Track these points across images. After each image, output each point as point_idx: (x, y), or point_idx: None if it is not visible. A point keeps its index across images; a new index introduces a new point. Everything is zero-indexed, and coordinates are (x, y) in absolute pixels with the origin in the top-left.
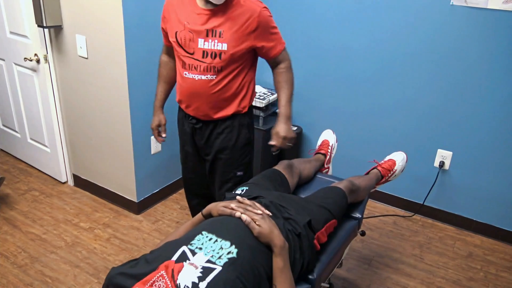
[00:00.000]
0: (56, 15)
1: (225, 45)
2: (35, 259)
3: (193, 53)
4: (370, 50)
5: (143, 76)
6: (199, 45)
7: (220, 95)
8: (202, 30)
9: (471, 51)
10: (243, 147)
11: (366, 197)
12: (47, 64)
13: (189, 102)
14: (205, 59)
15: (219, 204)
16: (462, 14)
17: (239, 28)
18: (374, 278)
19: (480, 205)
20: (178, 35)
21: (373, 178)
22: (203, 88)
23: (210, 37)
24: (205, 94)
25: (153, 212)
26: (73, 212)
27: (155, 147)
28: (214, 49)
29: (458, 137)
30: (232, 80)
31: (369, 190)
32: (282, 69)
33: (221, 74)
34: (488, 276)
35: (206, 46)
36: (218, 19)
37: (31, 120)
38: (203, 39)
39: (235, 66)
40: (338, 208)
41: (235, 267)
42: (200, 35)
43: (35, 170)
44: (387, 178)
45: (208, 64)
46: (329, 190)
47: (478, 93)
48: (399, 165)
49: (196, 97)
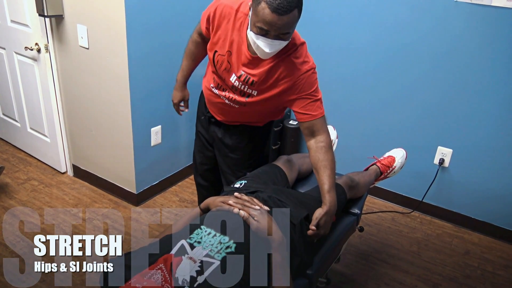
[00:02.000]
0: (57, 4)
1: (255, 92)
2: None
3: (224, 80)
4: (371, 46)
5: (144, 67)
6: (231, 79)
7: (241, 117)
8: (238, 71)
9: (473, 48)
10: (253, 151)
11: (365, 193)
12: (48, 53)
13: (209, 106)
14: (235, 91)
15: (217, 199)
16: (466, 10)
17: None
18: (372, 273)
19: (479, 203)
20: (216, 57)
21: (372, 174)
22: (228, 108)
23: (241, 81)
24: (226, 112)
25: (152, 204)
26: (72, 203)
27: (155, 139)
28: (244, 90)
29: (459, 135)
30: (255, 113)
31: (368, 186)
32: (321, 143)
33: (245, 108)
34: (485, 274)
35: (236, 84)
36: (258, 68)
37: (31, 110)
38: (236, 78)
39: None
40: (338, 203)
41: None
42: (235, 72)
43: (35, 160)
44: (386, 175)
45: (235, 97)
46: None
47: (479, 91)
48: (398, 162)
49: (217, 109)
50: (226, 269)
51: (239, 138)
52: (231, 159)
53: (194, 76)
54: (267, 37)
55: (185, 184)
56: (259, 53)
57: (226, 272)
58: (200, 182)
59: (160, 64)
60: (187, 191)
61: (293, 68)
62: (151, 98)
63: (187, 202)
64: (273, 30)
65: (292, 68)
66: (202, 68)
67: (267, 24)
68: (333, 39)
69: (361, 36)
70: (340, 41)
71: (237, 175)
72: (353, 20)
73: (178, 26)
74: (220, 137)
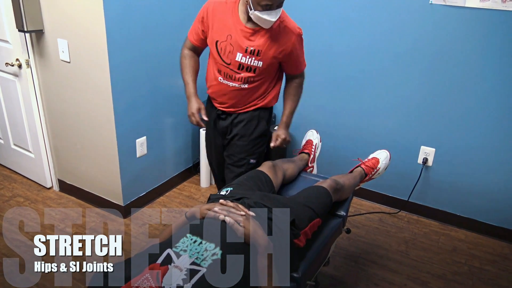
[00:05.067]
0: (37, 19)
1: (260, 63)
2: (21, 266)
3: (230, 64)
4: (353, 50)
5: (127, 79)
6: (237, 58)
7: (250, 97)
8: (243, 46)
9: (451, 49)
10: (259, 137)
11: (350, 195)
12: (29, 69)
13: (218, 99)
14: (240, 71)
15: (202, 207)
16: (441, 12)
17: (276, 50)
18: (361, 275)
19: (463, 200)
20: (219, 45)
21: (357, 176)
22: (235, 93)
23: (248, 53)
24: (236, 96)
25: (140, 215)
26: (58, 218)
27: (141, 150)
28: (250, 65)
29: (441, 134)
30: (261, 85)
31: (353, 188)
32: (295, 83)
33: (253, 84)
34: (472, 270)
35: (243, 61)
36: (259, 39)
37: (14, 126)
38: (242, 54)
39: (265, 75)
40: (322, 207)
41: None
42: (240, 50)
43: (20, 176)
44: (370, 176)
45: (242, 76)
46: (313, 190)
47: (459, 90)
48: (382, 163)
49: (227, 98)
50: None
51: (246, 125)
52: (238, 146)
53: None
54: (271, 9)
55: (172, 194)
56: (266, 25)
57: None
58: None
59: (142, 75)
60: (175, 201)
61: (289, 32)
62: (135, 110)
63: (175, 212)
64: (275, 2)
65: (288, 32)
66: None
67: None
68: (316, 44)
69: (343, 40)
70: (322, 46)
71: (243, 162)
72: (336, 24)
73: (159, 36)
74: (230, 128)
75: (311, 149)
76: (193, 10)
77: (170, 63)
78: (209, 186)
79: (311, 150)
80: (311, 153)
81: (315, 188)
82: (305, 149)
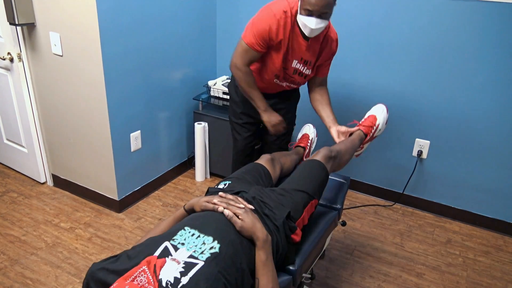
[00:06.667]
0: (28, 12)
1: (310, 71)
2: (15, 261)
3: (287, 69)
4: (346, 42)
5: (120, 72)
6: (293, 65)
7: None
8: (300, 56)
9: (446, 41)
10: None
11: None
12: (21, 62)
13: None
14: (294, 75)
15: (201, 199)
16: (437, 3)
17: (321, 59)
18: (356, 267)
19: (457, 192)
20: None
21: (356, 139)
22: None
23: (302, 63)
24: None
25: (135, 210)
26: (53, 213)
27: (135, 144)
28: (303, 71)
29: (435, 127)
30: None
31: (353, 152)
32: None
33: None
34: (467, 261)
35: (297, 66)
36: (311, 51)
37: (6, 121)
38: (297, 61)
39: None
40: (317, 185)
41: (218, 262)
42: (297, 58)
43: (13, 171)
44: (372, 135)
45: (295, 79)
46: (306, 167)
47: (454, 82)
48: (380, 118)
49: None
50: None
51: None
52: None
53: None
54: (312, 16)
55: (167, 188)
56: (307, 31)
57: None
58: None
59: (136, 68)
60: (170, 195)
61: (330, 40)
62: (129, 103)
63: (170, 206)
64: (316, 11)
65: (330, 40)
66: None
67: (311, 6)
68: None
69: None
70: None
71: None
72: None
73: (153, 29)
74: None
75: (306, 143)
76: (187, 1)
77: (164, 56)
78: (204, 180)
79: (307, 144)
80: (306, 147)
81: (308, 164)
82: (301, 142)
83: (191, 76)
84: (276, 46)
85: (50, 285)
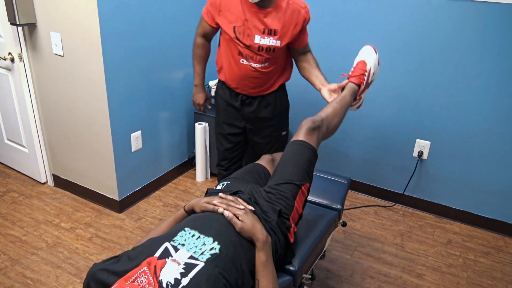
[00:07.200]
0: (29, 13)
1: (278, 42)
2: (16, 261)
3: (250, 46)
4: (349, 43)
5: (121, 73)
6: (256, 41)
7: (270, 78)
8: (260, 28)
9: (447, 42)
10: (284, 112)
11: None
12: (22, 62)
13: (239, 84)
14: (260, 52)
15: (201, 200)
16: (438, 5)
17: (289, 27)
18: (357, 267)
19: (458, 193)
20: (237, 29)
21: (347, 95)
22: (256, 73)
23: (266, 34)
24: (258, 77)
25: (136, 210)
26: (53, 213)
27: (136, 144)
28: (269, 45)
29: (436, 127)
30: (279, 64)
31: (345, 111)
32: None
33: (272, 62)
34: (467, 262)
35: (262, 42)
36: (272, 19)
37: (7, 121)
38: (260, 35)
39: (281, 53)
40: (302, 169)
41: (218, 263)
42: (257, 32)
43: (14, 171)
44: (366, 83)
45: (263, 57)
46: (289, 153)
47: (454, 84)
48: (370, 62)
49: (249, 80)
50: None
51: (274, 106)
52: (270, 126)
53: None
54: None
55: (168, 188)
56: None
57: (211, 273)
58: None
59: (137, 68)
60: (170, 195)
61: (298, 8)
62: (130, 103)
63: (170, 206)
64: None
65: (297, 8)
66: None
67: None
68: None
69: (339, 34)
70: (318, 39)
71: (278, 138)
72: (333, 18)
73: (154, 29)
74: (258, 111)
75: (362, 78)
76: (188, 2)
77: (165, 56)
78: (205, 180)
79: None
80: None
81: (289, 149)
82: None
83: (192, 76)
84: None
85: (50, 285)
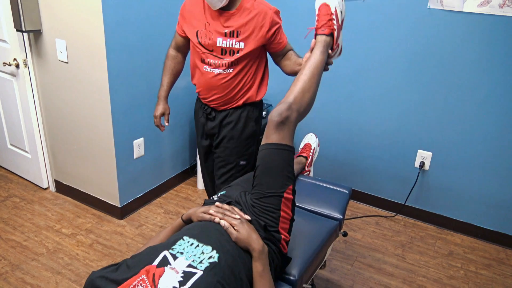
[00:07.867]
0: (35, 19)
1: (242, 44)
2: (16, 266)
3: (212, 50)
4: (350, 55)
5: (125, 80)
6: (218, 43)
7: (236, 87)
8: (221, 31)
9: (448, 54)
10: (248, 138)
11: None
12: (27, 69)
13: (207, 94)
14: (224, 56)
15: (198, 210)
16: (439, 17)
17: (253, 29)
18: (357, 278)
19: (459, 204)
20: (199, 34)
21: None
22: (221, 81)
23: (228, 36)
24: (222, 86)
25: (137, 217)
26: (54, 218)
27: (138, 151)
28: (232, 47)
29: (438, 138)
30: (246, 73)
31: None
32: (292, 52)
33: (237, 68)
34: (468, 274)
35: (224, 45)
36: (235, 20)
37: (11, 126)
38: (222, 38)
39: (249, 60)
40: (280, 175)
41: (216, 272)
42: (219, 35)
43: (16, 176)
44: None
45: (226, 61)
46: (262, 160)
47: (456, 94)
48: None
49: (214, 88)
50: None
51: (235, 126)
52: (227, 149)
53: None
54: None
55: (169, 196)
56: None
57: (209, 282)
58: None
59: (140, 76)
60: (171, 202)
61: (264, 10)
62: (133, 111)
63: (172, 213)
64: None
65: (263, 10)
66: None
67: None
68: None
69: None
70: None
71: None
72: None
73: (158, 37)
74: (218, 130)
75: (309, 153)
76: None
77: None
78: None
79: (309, 154)
80: (308, 157)
81: (262, 154)
82: (303, 152)
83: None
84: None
85: None
